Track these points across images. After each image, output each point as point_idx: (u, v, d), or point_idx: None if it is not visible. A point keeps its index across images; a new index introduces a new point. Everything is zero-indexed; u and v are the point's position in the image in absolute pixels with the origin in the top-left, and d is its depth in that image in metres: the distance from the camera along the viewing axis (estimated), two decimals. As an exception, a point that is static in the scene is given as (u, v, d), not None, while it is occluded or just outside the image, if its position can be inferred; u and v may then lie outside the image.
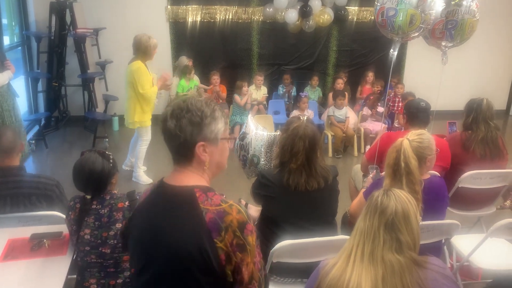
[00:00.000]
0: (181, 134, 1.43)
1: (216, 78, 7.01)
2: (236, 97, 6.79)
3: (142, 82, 4.58)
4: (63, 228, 2.37)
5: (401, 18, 2.78)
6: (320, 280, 1.55)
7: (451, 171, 3.26)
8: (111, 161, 2.25)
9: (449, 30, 2.81)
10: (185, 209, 1.44)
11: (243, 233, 1.41)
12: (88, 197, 2.16)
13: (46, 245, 2.32)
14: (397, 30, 2.86)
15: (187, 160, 1.49)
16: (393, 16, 2.83)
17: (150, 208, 1.53)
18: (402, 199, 1.53)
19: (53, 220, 2.50)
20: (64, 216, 2.33)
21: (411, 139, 2.32)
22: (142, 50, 4.60)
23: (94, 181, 2.15)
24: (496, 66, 8.72)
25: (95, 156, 2.20)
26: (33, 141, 6.08)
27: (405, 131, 3.19)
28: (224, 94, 7.09)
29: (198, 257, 1.37)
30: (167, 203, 1.48)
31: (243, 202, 3.12)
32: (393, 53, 2.96)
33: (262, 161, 3.00)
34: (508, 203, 3.62)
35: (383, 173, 2.67)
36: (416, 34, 2.77)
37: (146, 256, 1.49)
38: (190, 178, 1.50)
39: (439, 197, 2.53)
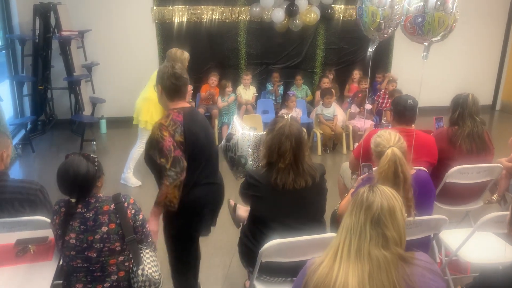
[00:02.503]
0: None
1: (214, 79, 6.95)
2: (219, 100, 6.78)
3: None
4: (49, 233, 2.34)
5: (365, 16, 2.80)
6: (307, 278, 1.54)
7: (438, 167, 3.28)
8: (96, 163, 2.22)
9: (418, 25, 2.83)
10: None
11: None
12: (73, 200, 2.13)
13: (32, 250, 2.29)
14: (365, 28, 2.88)
15: None
16: (361, 15, 2.86)
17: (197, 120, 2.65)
18: (388, 194, 1.53)
19: (39, 225, 2.46)
20: (49, 220, 2.30)
21: (395, 145, 2.31)
22: (176, 61, 4.28)
23: (79, 184, 2.11)
24: (481, 62, 8.82)
25: (79, 159, 2.17)
26: (20, 146, 6.01)
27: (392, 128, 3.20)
28: (216, 98, 7.06)
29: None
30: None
31: (232, 202, 3.12)
32: (370, 51, 2.97)
33: (250, 161, 2.98)
34: (495, 197, 3.65)
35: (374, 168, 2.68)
36: (381, 30, 2.79)
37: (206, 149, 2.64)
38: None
39: (426, 191, 2.54)
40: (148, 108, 4.70)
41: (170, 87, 2.64)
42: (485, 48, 8.76)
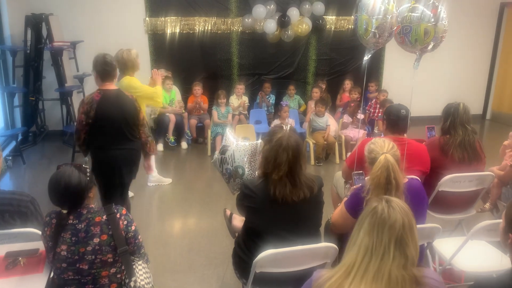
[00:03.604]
0: None
1: (198, 89, 7.01)
2: (214, 112, 6.81)
3: (141, 88, 4.39)
4: (40, 245, 2.30)
5: (359, 25, 2.84)
6: None
7: (431, 175, 3.29)
8: (88, 174, 2.20)
9: (406, 35, 2.88)
10: None
11: None
12: (65, 211, 2.10)
13: (22, 263, 2.25)
14: (360, 36, 2.92)
15: None
16: (356, 24, 2.89)
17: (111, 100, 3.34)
18: (405, 210, 1.48)
19: (29, 237, 2.42)
20: (40, 232, 2.26)
21: (388, 152, 2.32)
22: (129, 66, 4.36)
23: (70, 195, 2.09)
24: (471, 72, 8.93)
25: (71, 169, 2.15)
26: (10, 157, 5.94)
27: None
28: (205, 105, 7.09)
29: None
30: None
31: (228, 212, 3.11)
32: (366, 59, 3.00)
33: (247, 171, 2.97)
34: (487, 205, 3.67)
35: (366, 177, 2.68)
36: (375, 39, 2.83)
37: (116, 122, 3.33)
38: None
39: (419, 199, 2.55)
40: None
41: (101, 72, 3.45)
42: (475, 58, 8.88)
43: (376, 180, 2.22)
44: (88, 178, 2.17)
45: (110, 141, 3.41)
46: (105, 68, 3.43)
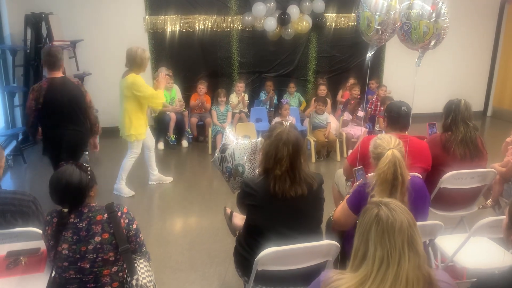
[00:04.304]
0: None
1: (202, 87, 6.99)
2: (213, 112, 6.82)
3: (144, 88, 4.59)
4: (41, 244, 2.30)
5: (361, 22, 2.82)
6: None
7: (432, 173, 3.28)
8: (89, 173, 2.19)
9: (406, 32, 2.86)
10: None
11: None
12: (66, 210, 2.10)
13: (23, 262, 2.24)
14: (362, 33, 2.90)
15: None
16: (358, 20, 2.87)
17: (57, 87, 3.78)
18: (403, 207, 1.47)
19: (30, 237, 2.42)
20: (41, 231, 2.26)
21: (395, 148, 2.31)
22: (138, 62, 4.57)
23: (71, 193, 2.09)
24: (472, 69, 8.91)
25: (72, 168, 2.15)
26: (11, 157, 5.94)
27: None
28: (208, 105, 7.08)
29: None
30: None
31: (228, 210, 3.10)
32: (369, 56, 2.98)
33: (247, 169, 2.97)
34: (489, 202, 3.66)
35: (368, 175, 2.67)
36: (378, 35, 2.81)
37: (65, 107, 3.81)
38: None
39: (421, 197, 2.54)
40: (129, 120, 4.71)
41: (46, 62, 3.87)
42: (476, 55, 8.87)
43: (383, 176, 2.21)
44: (89, 177, 2.17)
45: (58, 122, 3.90)
46: (49, 59, 3.84)
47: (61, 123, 3.91)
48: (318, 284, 1.52)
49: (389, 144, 2.35)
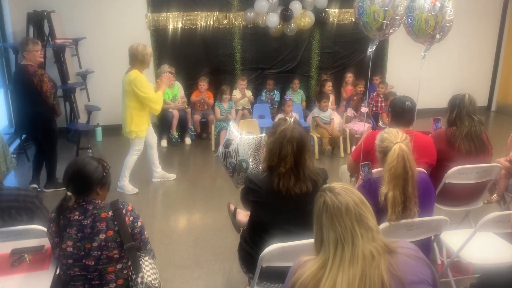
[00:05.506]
0: None
1: (203, 84, 6.99)
2: (216, 109, 6.81)
3: (143, 88, 4.58)
4: (45, 242, 2.30)
5: (366, 15, 2.79)
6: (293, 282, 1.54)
7: (437, 168, 3.26)
8: (106, 171, 2.21)
9: (410, 25, 2.84)
10: None
11: None
12: (69, 194, 2.10)
13: (27, 260, 2.25)
14: (366, 27, 2.87)
15: None
16: (361, 14, 2.85)
17: None
18: (348, 188, 1.52)
19: (35, 234, 2.42)
20: (45, 229, 2.26)
21: (402, 142, 2.30)
22: (139, 59, 4.59)
23: (79, 179, 2.12)
24: (476, 64, 8.86)
25: (92, 160, 2.21)
26: (14, 155, 5.93)
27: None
28: (211, 101, 7.08)
29: None
30: None
31: (232, 207, 3.09)
32: (370, 50, 2.96)
33: (251, 164, 2.95)
34: (494, 197, 3.64)
35: (374, 170, 2.66)
36: (386, 30, 2.78)
37: None
38: None
39: (426, 192, 2.52)
40: (131, 117, 4.71)
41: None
42: (480, 50, 8.81)
43: (393, 171, 2.21)
44: (104, 174, 2.18)
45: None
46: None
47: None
48: (291, 271, 1.60)
49: (396, 138, 2.34)
